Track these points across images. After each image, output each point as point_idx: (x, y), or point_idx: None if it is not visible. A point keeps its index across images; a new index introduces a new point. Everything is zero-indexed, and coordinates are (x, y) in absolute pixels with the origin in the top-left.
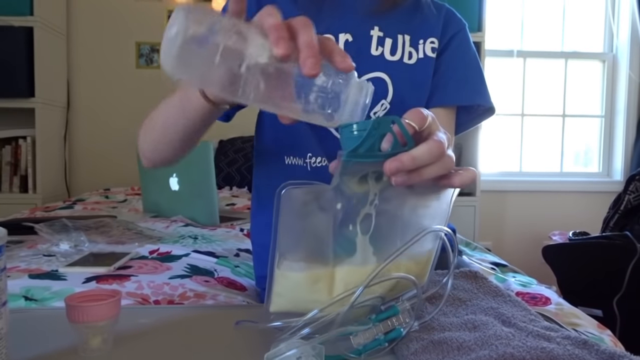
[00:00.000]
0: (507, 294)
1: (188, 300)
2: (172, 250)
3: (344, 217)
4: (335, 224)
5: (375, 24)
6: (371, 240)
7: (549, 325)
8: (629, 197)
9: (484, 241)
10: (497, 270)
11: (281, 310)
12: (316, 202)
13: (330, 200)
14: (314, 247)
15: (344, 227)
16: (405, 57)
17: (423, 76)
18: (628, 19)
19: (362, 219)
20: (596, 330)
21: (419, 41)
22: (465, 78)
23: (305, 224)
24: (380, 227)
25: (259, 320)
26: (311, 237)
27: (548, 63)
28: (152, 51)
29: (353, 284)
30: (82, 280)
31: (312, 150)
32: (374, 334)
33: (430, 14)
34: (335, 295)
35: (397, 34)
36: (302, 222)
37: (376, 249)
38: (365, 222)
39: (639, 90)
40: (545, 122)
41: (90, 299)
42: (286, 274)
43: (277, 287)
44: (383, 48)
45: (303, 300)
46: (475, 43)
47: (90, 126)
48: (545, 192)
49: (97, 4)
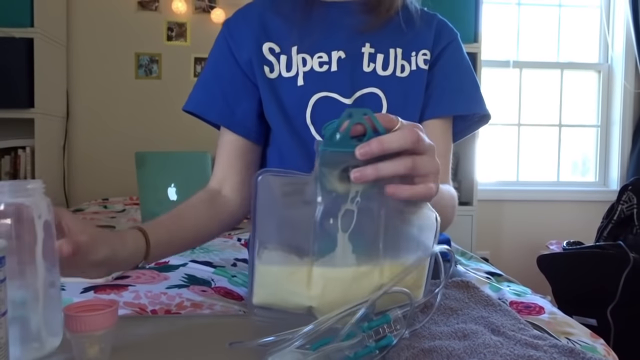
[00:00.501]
0: (498, 304)
1: (185, 310)
2: (170, 260)
3: (324, 211)
4: (316, 216)
5: (367, 40)
6: (351, 238)
7: (537, 334)
8: (622, 207)
9: (481, 250)
10: (492, 279)
11: (264, 302)
12: (297, 193)
13: (310, 193)
14: (293, 238)
15: (324, 221)
16: (398, 71)
17: (416, 88)
18: (623, 30)
19: (343, 215)
20: (589, 339)
21: (412, 53)
22: (460, 87)
23: (285, 214)
24: (361, 225)
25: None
26: (291, 228)
27: (544, 73)
28: (151, 62)
29: (332, 281)
30: (80, 290)
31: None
32: (365, 342)
33: (422, 26)
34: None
35: (389, 49)
36: (281, 212)
37: (355, 247)
38: (345, 219)
39: (634, 100)
40: (542, 132)
41: (88, 309)
42: (266, 266)
43: (258, 278)
44: (375, 64)
45: (284, 291)
46: (471, 54)
47: (89, 136)
48: (542, 202)
49: (96, 15)
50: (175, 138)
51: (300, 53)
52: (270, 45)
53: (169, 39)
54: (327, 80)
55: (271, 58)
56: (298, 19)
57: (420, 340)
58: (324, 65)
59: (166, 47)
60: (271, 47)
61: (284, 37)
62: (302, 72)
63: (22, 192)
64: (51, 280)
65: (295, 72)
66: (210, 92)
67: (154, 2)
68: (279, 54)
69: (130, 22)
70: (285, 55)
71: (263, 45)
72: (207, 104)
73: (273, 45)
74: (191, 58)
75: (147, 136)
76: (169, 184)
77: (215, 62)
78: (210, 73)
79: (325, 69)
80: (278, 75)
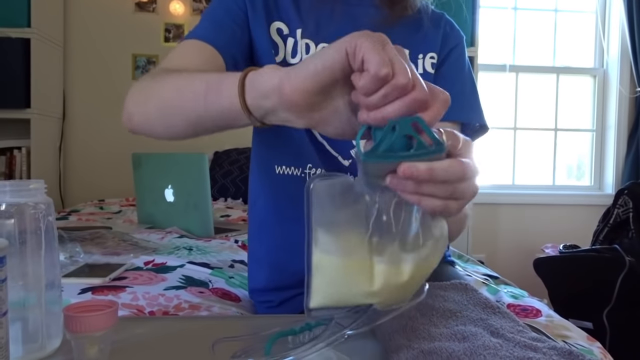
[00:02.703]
0: (497, 306)
1: (183, 312)
2: (167, 261)
3: (379, 208)
4: (369, 214)
5: None
6: (400, 236)
7: (536, 336)
8: (618, 210)
9: (477, 254)
10: (489, 281)
11: (321, 305)
12: (347, 193)
13: (359, 193)
14: (350, 237)
15: (379, 219)
16: None
17: None
18: (618, 35)
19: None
20: (586, 342)
21: (419, 56)
22: (463, 95)
23: (341, 215)
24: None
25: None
26: (347, 227)
27: (540, 78)
28: (149, 63)
29: (391, 280)
30: (78, 291)
31: (312, 161)
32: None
33: (430, 28)
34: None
35: None
36: (337, 213)
37: (404, 245)
38: (396, 217)
39: (629, 105)
40: (538, 136)
41: (88, 309)
42: (324, 266)
43: (315, 280)
44: None
45: (343, 293)
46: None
47: (85, 137)
48: (538, 205)
49: (93, 15)
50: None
51: (304, 38)
52: (279, 25)
53: (167, 40)
54: None
55: (278, 40)
56: (310, 11)
57: (419, 342)
58: None
59: (164, 49)
60: (279, 28)
61: (292, 16)
62: None
63: (24, 192)
64: (52, 280)
65: (299, 60)
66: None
67: (152, 4)
68: (286, 36)
69: (128, 23)
70: (292, 38)
71: (272, 24)
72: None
73: (282, 25)
74: None
75: (143, 138)
76: (165, 185)
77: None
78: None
79: None
80: (283, 60)
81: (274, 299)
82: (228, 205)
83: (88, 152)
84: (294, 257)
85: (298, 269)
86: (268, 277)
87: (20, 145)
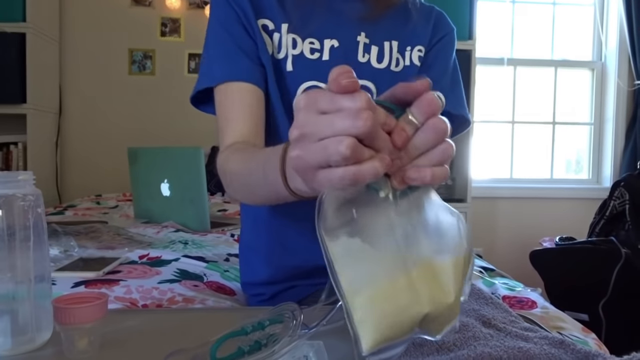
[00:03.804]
0: (489, 297)
1: (177, 305)
2: (162, 255)
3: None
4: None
5: (362, 30)
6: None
7: (528, 326)
8: (614, 202)
9: (475, 247)
10: (485, 274)
11: (375, 343)
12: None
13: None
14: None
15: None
16: (393, 65)
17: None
18: (616, 29)
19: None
20: (581, 333)
21: (407, 48)
22: (445, 82)
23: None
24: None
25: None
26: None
27: (538, 71)
28: (145, 58)
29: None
30: (71, 284)
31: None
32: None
33: (420, 20)
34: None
35: (384, 41)
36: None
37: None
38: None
39: (627, 98)
40: (536, 129)
41: (78, 301)
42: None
43: (357, 314)
44: (369, 55)
45: (392, 319)
46: (466, 51)
47: (82, 132)
48: (536, 199)
49: (89, 10)
50: (168, 134)
51: (290, 33)
52: (264, 22)
53: (163, 34)
54: (317, 69)
55: (265, 36)
56: (295, 5)
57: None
58: (315, 53)
59: (160, 43)
60: (265, 24)
61: (276, 13)
62: (292, 55)
63: (12, 183)
64: (41, 273)
65: (284, 55)
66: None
67: None
68: (272, 32)
69: (124, 18)
70: (278, 33)
71: (257, 21)
72: (235, 66)
73: (267, 21)
74: (185, 54)
75: (140, 132)
76: (162, 179)
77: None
78: (224, 36)
79: (316, 57)
80: (270, 55)
81: (266, 292)
82: (225, 199)
83: (84, 147)
84: (287, 252)
85: (290, 264)
86: (260, 271)
87: (17, 141)
